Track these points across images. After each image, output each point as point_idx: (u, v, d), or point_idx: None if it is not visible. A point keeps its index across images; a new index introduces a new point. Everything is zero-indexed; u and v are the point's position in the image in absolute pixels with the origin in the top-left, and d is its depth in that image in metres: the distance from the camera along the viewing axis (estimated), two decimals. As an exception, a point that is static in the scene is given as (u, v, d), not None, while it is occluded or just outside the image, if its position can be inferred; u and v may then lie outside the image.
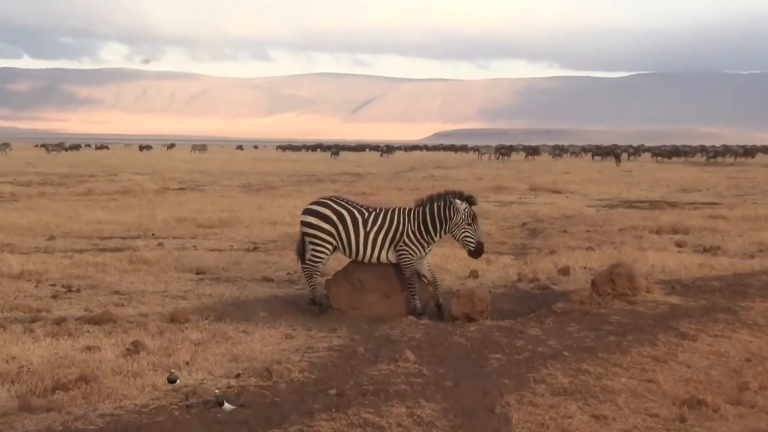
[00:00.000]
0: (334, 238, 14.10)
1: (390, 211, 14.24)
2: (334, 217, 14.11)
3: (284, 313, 13.91)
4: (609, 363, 10.49)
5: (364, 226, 14.04)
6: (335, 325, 12.78)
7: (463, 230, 13.77)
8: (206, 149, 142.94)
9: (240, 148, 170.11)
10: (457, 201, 13.69)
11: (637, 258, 18.96)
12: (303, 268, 14.48)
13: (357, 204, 14.44)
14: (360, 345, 11.34)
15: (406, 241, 13.92)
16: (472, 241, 13.80)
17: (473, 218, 13.79)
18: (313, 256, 14.27)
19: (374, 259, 14.10)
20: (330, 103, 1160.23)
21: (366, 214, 14.14)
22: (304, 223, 14.32)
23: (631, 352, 10.96)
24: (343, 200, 14.43)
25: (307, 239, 14.31)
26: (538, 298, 15.23)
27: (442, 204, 13.85)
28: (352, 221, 14.06)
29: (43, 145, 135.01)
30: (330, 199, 14.44)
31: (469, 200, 13.76)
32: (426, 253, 14.17)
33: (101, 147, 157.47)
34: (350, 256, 14.19)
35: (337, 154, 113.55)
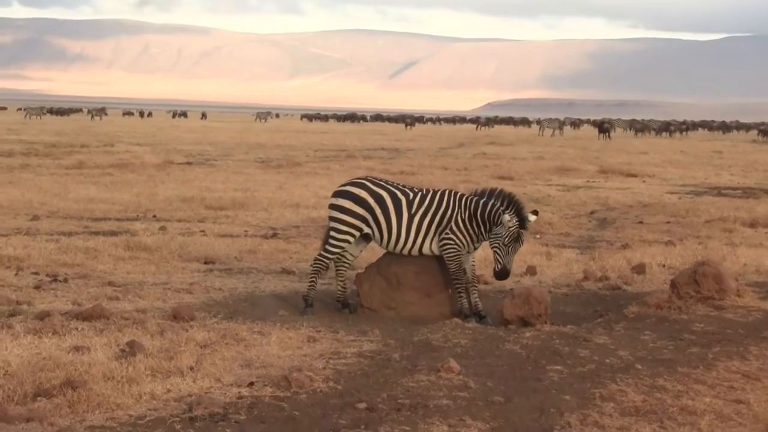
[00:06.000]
0: (368, 225, 14.07)
1: (439, 192, 14.22)
2: (370, 200, 14.04)
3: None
4: (690, 379, 10.45)
5: (409, 208, 13.99)
6: (366, 327, 12.80)
7: (497, 246, 13.69)
8: (270, 117, 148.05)
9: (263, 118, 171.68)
10: (506, 216, 13.59)
11: (726, 255, 18.85)
12: (315, 258, 14.50)
13: (399, 184, 14.43)
14: (395, 351, 11.36)
15: (454, 228, 13.88)
16: (500, 261, 13.71)
17: (515, 240, 13.62)
18: (330, 245, 14.22)
19: (416, 250, 14.05)
20: (364, 66, 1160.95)
21: (411, 195, 14.11)
22: (333, 206, 14.30)
23: (717, 367, 10.90)
24: (381, 180, 14.43)
25: (331, 224, 14.32)
26: (607, 301, 15.19)
27: (499, 206, 13.74)
28: (393, 203, 14.02)
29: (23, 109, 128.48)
30: (367, 179, 14.43)
31: (521, 221, 13.61)
32: (475, 249, 14.14)
33: (127, 113, 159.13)
34: (387, 246, 14.14)
35: (412, 125, 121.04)
